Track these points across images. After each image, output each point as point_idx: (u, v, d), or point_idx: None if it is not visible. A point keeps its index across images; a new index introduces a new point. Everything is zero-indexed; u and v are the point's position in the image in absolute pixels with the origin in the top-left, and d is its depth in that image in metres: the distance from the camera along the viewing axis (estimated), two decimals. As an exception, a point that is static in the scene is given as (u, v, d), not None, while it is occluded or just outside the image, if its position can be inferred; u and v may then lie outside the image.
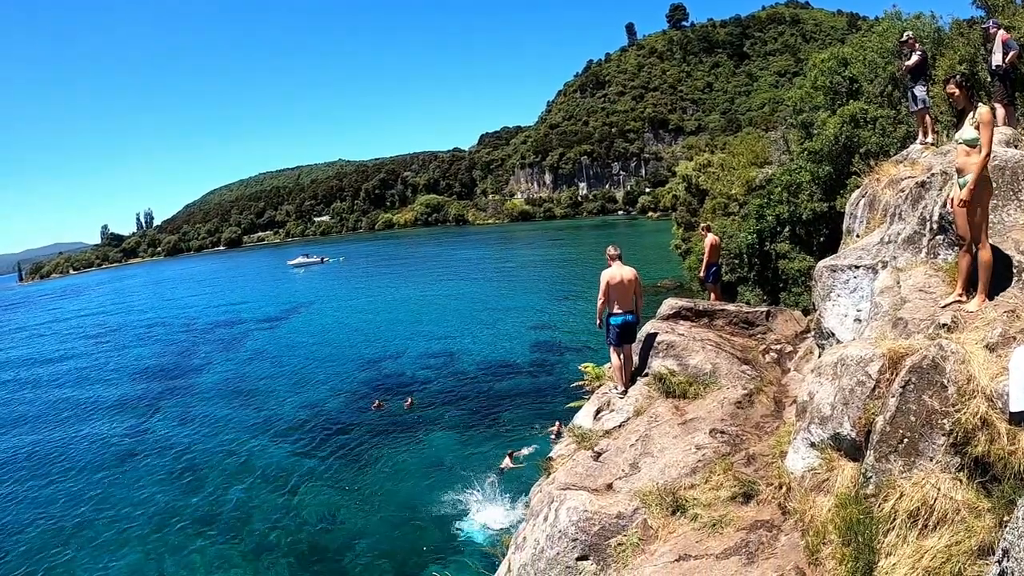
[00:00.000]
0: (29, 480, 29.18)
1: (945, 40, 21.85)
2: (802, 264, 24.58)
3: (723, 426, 8.21)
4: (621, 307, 10.38)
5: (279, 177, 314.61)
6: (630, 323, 10.40)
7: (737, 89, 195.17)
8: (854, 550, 4.52)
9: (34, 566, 21.94)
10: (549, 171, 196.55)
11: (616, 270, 10.42)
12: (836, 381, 5.55)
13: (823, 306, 8.36)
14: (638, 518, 6.77)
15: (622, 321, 10.35)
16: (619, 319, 10.37)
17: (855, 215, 10.62)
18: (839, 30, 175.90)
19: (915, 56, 12.80)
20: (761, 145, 41.01)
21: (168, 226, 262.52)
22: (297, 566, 20.06)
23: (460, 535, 20.09)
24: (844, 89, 25.15)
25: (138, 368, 49.50)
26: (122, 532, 23.46)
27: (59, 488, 27.83)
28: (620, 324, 10.36)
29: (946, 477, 4.26)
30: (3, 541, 23.95)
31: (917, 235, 7.53)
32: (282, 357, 46.70)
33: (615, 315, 10.41)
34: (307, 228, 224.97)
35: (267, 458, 28.08)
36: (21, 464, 31.49)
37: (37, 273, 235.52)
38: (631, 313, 10.39)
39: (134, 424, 35.41)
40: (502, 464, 23.82)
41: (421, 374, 38.00)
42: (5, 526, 25.14)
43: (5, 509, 26.55)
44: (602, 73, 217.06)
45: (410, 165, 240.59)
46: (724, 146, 71.55)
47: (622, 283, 10.35)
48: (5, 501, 27.32)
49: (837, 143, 23.06)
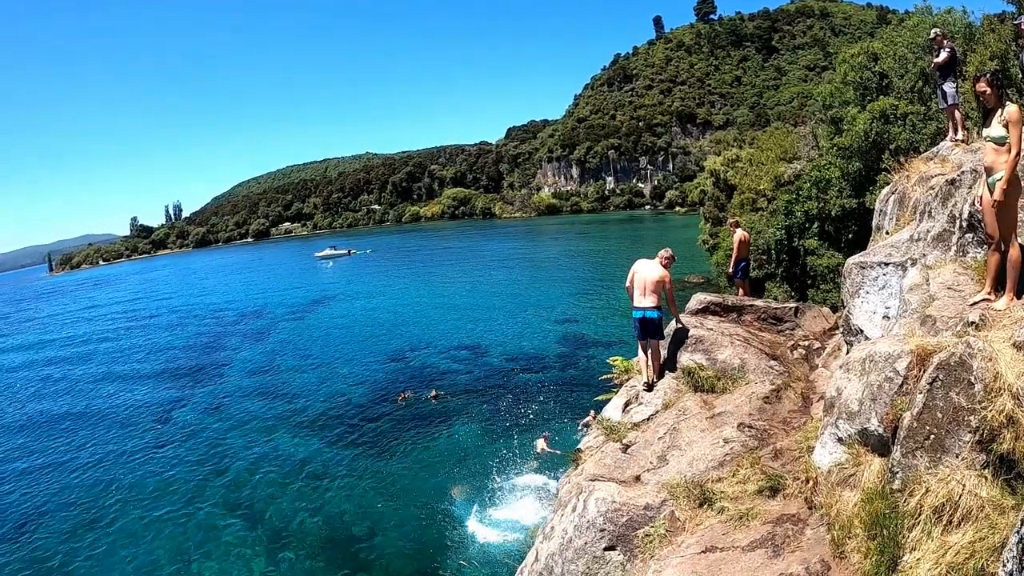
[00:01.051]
0: (62, 463, 29.80)
1: (976, 36, 21.62)
2: (831, 261, 24.44)
3: (751, 420, 8.28)
4: (636, 302, 10.53)
5: (306, 170, 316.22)
6: (647, 319, 10.48)
7: (765, 83, 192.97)
8: (879, 544, 4.59)
9: (63, 546, 22.50)
10: (576, 165, 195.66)
11: (639, 265, 10.67)
12: (864, 377, 5.60)
13: (852, 303, 8.37)
14: (665, 510, 6.88)
15: (639, 316, 10.52)
16: (636, 313, 10.57)
17: (885, 212, 10.60)
18: (868, 24, 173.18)
19: (944, 52, 12.70)
20: (790, 140, 40.68)
21: (196, 218, 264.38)
22: (321, 553, 20.28)
23: (487, 525, 20.20)
24: (874, 84, 24.95)
25: (168, 357, 50.16)
26: (149, 515, 23.91)
27: (90, 472, 28.42)
28: (636, 319, 10.56)
29: (971, 474, 4.30)
30: (37, 519, 24.58)
31: (946, 233, 7.54)
32: (309, 348, 47.10)
33: (634, 309, 10.60)
34: (334, 220, 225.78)
35: (293, 447, 28.41)
36: (55, 447, 32.20)
37: (67, 264, 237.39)
38: (649, 309, 10.44)
39: (164, 410, 35.98)
40: (538, 448, 24.02)
41: (448, 366, 38.16)
42: (40, 505, 25.81)
43: (41, 489, 27.23)
44: (629, 66, 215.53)
45: (437, 158, 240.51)
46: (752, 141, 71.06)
47: (642, 278, 10.55)
48: (41, 482, 27.99)
49: (867, 139, 22.90)
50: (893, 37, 26.73)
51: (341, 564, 19.63)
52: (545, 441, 23.97)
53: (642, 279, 10.52)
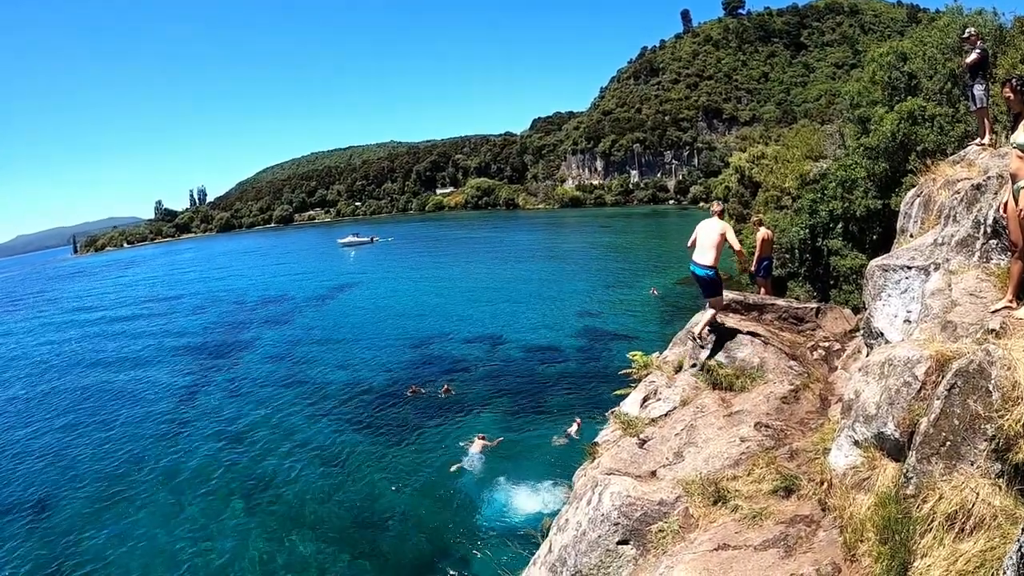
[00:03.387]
0: (86, 442, 30.28)
1: (1007, 38, 21.40)
2: (854, 262, 24.30)
3: (768, 420, 8.29)
4: (701, 258, 10.62)
5: (331, 157, 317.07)
6: (698, 276, 10.71)
7: (793, 80, 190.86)
8: (890, 549, 4.59)
9: (81, 523, 22.91)
10: (601, 158, 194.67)
11: (702, 223, 10.80)
12: (883, 381, 5.60)
13: (873, 305, 8.35)
14: (680, 506, 6.92)
15: (692, 271, 10.82)
16: (691, 268, 10.81)
17: (909, 214, 10.54)
18: (899, 22, 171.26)
19: (974, 53, 12.53)
20: (816, 138, 40.41)
21: (221, 203, 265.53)
22: (334, 537, 20.53)
23: (501, 516, 20.30)
24: (902, 84, 24.74)
25: (190, 339, 50.73)
26: (165, 494, 24.33)
27: (109, 451, 28.95)
28: (691, 272, 10.85)
29: (986, 482, 4.29)
30: (59, 494, 25.07)
31: (970, 238, 7.49)
32: (330, 334, 47.45)
33: (693, 263, 10.78)
34: (358, 208, 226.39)
35: (310, 432, 28.71)
36: (80, 423, 32.83)
37: (92, 246, 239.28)
38: (701, 267, 10.58)
39: (184, 392, 36.48)
40: (572, 431, 24.23)
41: (467, 356, 38.30)
42: (62, 480, 26.34)
43: (65, 465, 27.76)
44: (656, 60, 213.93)
45: (462, 148, 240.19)
46: (778, 138, 70.59)
47: (702, 236, 10.67)
48: (65, 458, 28.51)
49: (894, 140, 22.74)
50: (923, 37, 26.49)
51: (354, 548, 19.86)
52: (578, 427, 24.11)
53: (703, 236, 10.65)
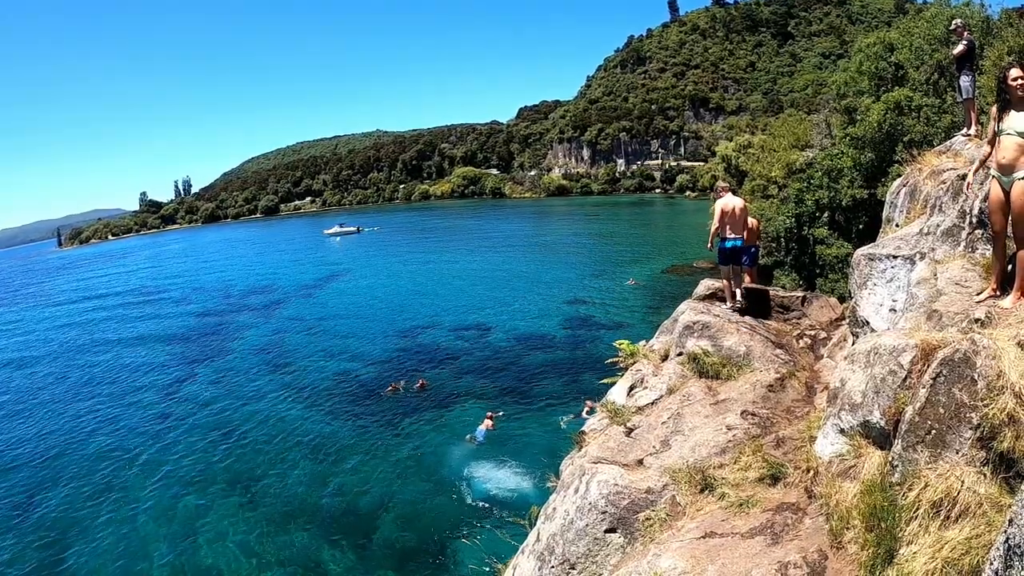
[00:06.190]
0: (69, 436, 30.09)
1: (994, 29, 21.48)
2: (840, 251, 24.42)
3: (754, 408, 8.32)
4: (733, 232, 11.53)
5: (316, 146, 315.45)
6: (739, 248, 11.44)
7: (780, 69, 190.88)
8: (876, 536, 4.62)
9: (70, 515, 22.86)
10: (587, 146, 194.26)
11: (728, 200, 11.57)
12: (868, 369, 5.63)
13: (859, 294, 8.39)
14: (667, 494, 6.94)
15: (732, 245, 11.41)
16: (731, 243, 11.43)
17: (895, 204, 10.57)
18: (886, 13, 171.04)
19: (961, 44, 12.53)
20: (803, 128, 40.53)
21: (206, 194, 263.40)
22: (324, 527, 20.58)
23: (489, 505, 20.36)
24: (889, 75, 24.81)
25: (175, 331, 50.52)
26: (153, 490, 24.21)
27: (96, 443, 28.80)
28: (731, 248, 11.41)
29: (971, 471, 4.32)
30: (46, 487, 24.92)
31: (956, 228, 7.54)
32: (316, 325, 47.32)
33: (728, 239, 11.47)
34: (344, 197, 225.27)
35: (298, 423, 28.64)
36: (60, 423, 32.49)
37: (76, 238, 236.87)
38: (740, 239, 11.46)
39: (170, 385, 36.32)
40: (584, 410, 24.22)
41: (453, 346, 38.30)
42: (48, 474, 26.19)
43: (46, 462, 27.50)
44: (643, 49, 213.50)
45: (448, 137, 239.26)
46: (765, 127, 70.81)
47: (734, 212, 11.48)
48: (51, 451, 28.36)
49: (880, 130, 22.80)
50: (910, 28, 26.53)
51: (344, 539, 19.86)
52: (588, 409, 24.15)
53: (734, 213, 11.53)
